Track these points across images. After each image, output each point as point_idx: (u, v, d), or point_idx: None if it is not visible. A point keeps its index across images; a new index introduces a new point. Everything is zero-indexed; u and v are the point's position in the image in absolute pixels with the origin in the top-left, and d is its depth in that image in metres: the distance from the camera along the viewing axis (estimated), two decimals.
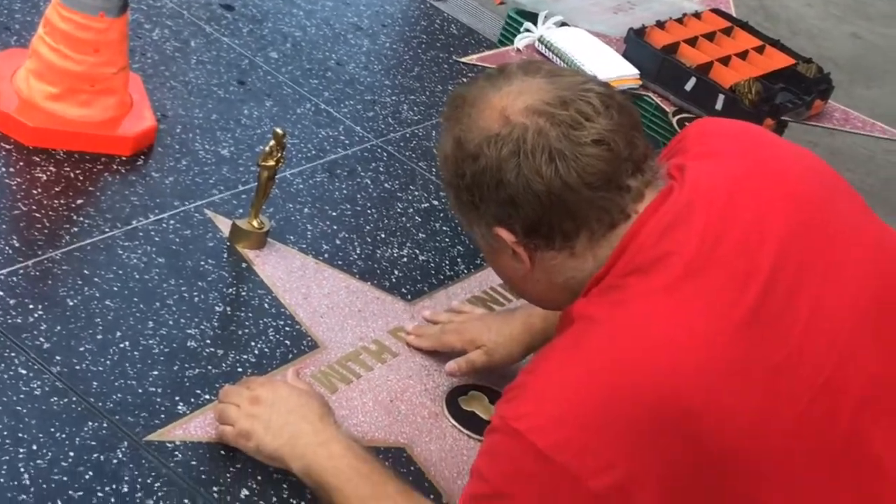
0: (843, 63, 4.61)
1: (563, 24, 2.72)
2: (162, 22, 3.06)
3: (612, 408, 1.55)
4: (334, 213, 2.59)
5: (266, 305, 2.28)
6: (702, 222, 1.61)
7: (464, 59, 2.57)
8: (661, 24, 2.76)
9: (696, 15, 2.86)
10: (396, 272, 2.49)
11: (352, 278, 2.43)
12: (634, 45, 2.65)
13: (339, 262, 2.45)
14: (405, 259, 2.53)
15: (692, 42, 2.70)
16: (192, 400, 2.03)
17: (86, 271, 2.20)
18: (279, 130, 2.32)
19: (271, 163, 2.34)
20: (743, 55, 2.72)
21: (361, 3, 3.51)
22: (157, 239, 2.34)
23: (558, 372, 1.60)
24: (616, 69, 2.59)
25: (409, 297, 2.43)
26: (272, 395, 1.95)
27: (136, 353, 2.07)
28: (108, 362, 2.03)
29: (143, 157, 2.56)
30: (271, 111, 2.87)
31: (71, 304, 2.12)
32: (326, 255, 2.46)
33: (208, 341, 2.15)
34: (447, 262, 2.57)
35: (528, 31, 2.68)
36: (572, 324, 1.64)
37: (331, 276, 2.41)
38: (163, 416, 1.98)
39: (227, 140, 2.71)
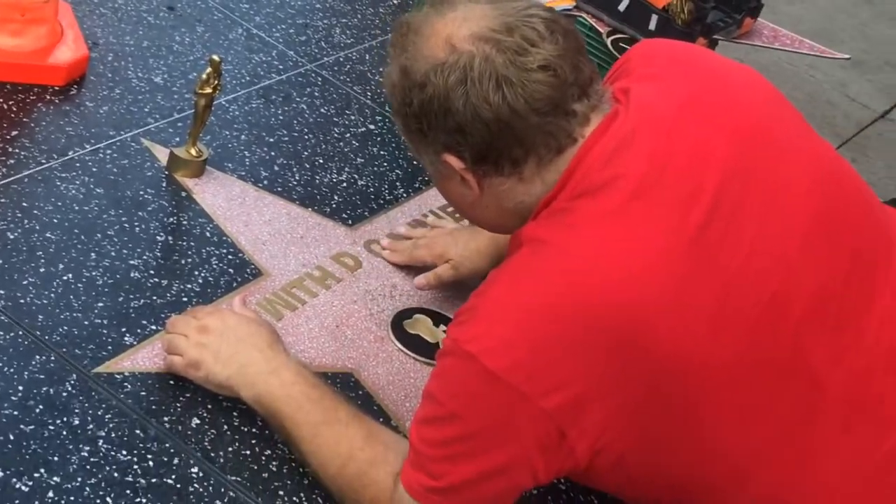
0: None
1: None
2: None
3: (563, 328, 1.58)
4: (271, 140, 2.59)
5: (208, 234, 2.28)
6: (649, 145, 1.64)
7: None
8: None
9: None
10: (336, 197, 2.49)
11: (292, 204, 2.43)
12: None
13: (279, 189, 2.45)
14: (344, 184, 2.54)
15: None
16: (139, 331, 2.03)
17: (24, 204, 2.18)
18: (216, 58, 2.31)
19: (208, 90, 2.33)
20: None
21: None
22: (94, 169, 2.33)
23: (509, 294, 1.63)
24: None
25: (350, 222, 2.44)
26: (221, 324, 1.96)
27: (79, 285, 2.07)
28: (52, 295, 2.03)
29: (76, 86, 2.53)
30: (203, 37, 2.84)
31: (11, 237, 2.10)
32: (266, 182, 2.46)
33: (152, 271, 2.15)
34: (386, 186, 2.58)
35: None
36: (521, 246, 1.66)
37: (271, 202, 2.41)
38: (110, 347, 1.98)
39: (160, 67, 2.68)
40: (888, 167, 3.59)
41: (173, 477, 1.81)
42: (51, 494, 1.71)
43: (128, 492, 1.76)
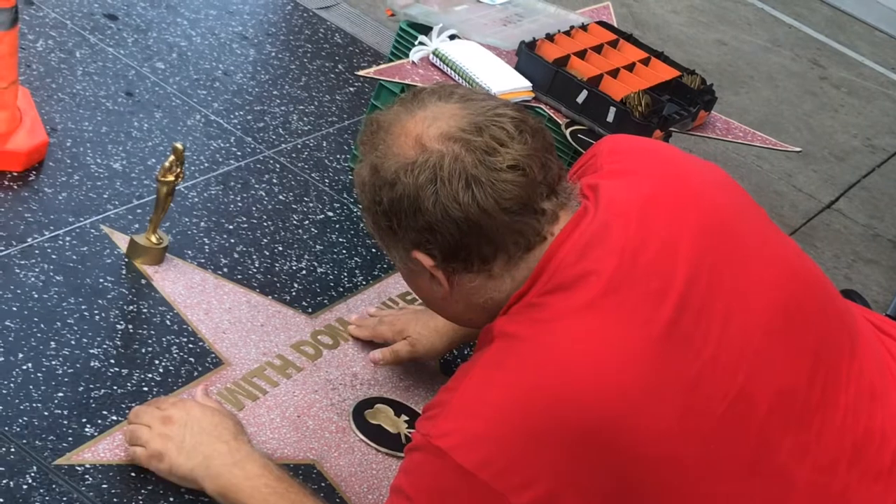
0: (711, 69, 4.72)
1: (455, 37, 2.75)
2: (46, 32, 3.01)
3: (535, 424, 1.58)
4: (231, 227, 2.58)
5: (168, 322, 2.27)
6: (619, 240, 1.65)
7: (361, 73, 2.59)
8: (550, 37, 2.80)
9: (584, 27, 2.91)
10: (296, 285, 2.49)
11: (252, 292, 2.42)
12: (526, 58, 2.69)
13: (239, 276, 2.45)
14: (304, 272, 2.53)
15: (581, 55, 2.74)
16: (100, 421, 2.01)
17: None
18: (179, 146, 2.30)
19: (171, 178, 2.32)
20: (630, 67, 2.78)
21: (245, 11, 3.50)
22: (53, 256, 2.31)
23: (480, 389, 1.63)
24: (509, 82, 2.62)
25: (310, 310, 2.44)
26: (185, 415, 1.94)
27: (39, 374, 2.04)
28: (11, 385, 2.00)
29: (34, 172, 2.52)
30: (161, 123, 2.84)
31: None
32: (226, 270, 2.45)
33: (112, 361, 2.13)
34: (345, 273, 2.58)
35: (422, 44, 2.70)
36: (493, 341, 1.67)
37: (231, 290, 2.41)
38: (71, 439, 1.96)
39: (119, 153, 2.68)
40: (836, 257, 3.64)
41: None
42: None
43: None
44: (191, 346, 2.23)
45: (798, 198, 3.94)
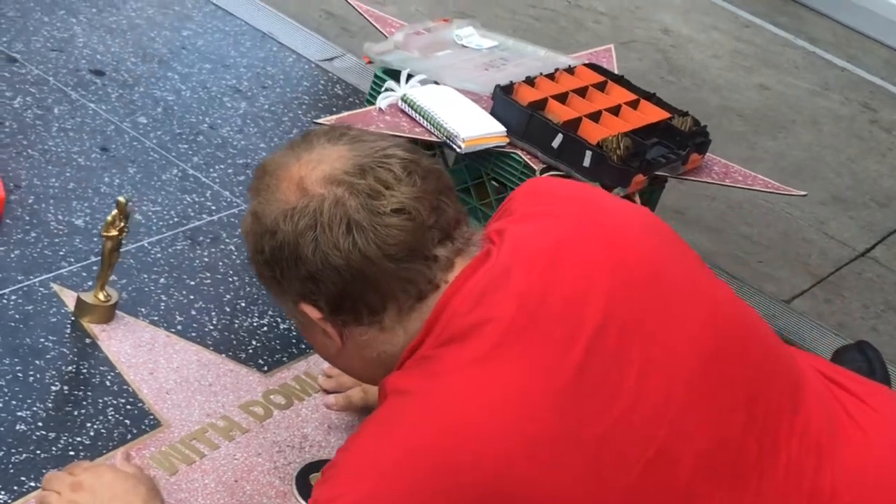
0: (749, 114, 4.56)
1: (430, 82, 2.65)
2: (25, 89, 2.96)
3: (424, 487, 1.46)
4: (192, 283, 2.49)
5: (108, 383, 2.17)
6: (521, 286, 1.53)
7: (321, 121, 2.49)
8: (530, 81, 2.68)
9: (570, 70, 2.79)
10: (254, 342, 2.38)
11: (205, 350, 2.32)
12: (501, 101, 2.58)
13: (193, 334, 2.35)
14: (265, 328, 2.43)
15: (562, 98, 2.62)
16: (16, 488, 1.91)
17: None
18: (122, 199, 2.22)
19: (114, 233, 2.24)
20: (615, 110, 2.65)
21: (242, 64, 3.43)
22: None
23: (369, 449, 1.51)
24: (481, 127, 2.51)
25: (266, 367, 2.33)
26: (95, 481, 1.84)
27: None
28: None
29: None
30: (134, 178, 2.77)
31: None
32: (180, 327, 2.36)
33: (40, 423, 2.04)
34: None
35: (390, 90, 2.61)
36: (386, 398, 1.55)
37: (182, 348, 2.31)
38: None
39: (83, 209, 2.60)
40: (864, 307, 3.45)
41: None
42: None
43: None
44: (128, 407, 2.13)
45: (829, 245, 3.76)
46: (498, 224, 1.66)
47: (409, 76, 2.64)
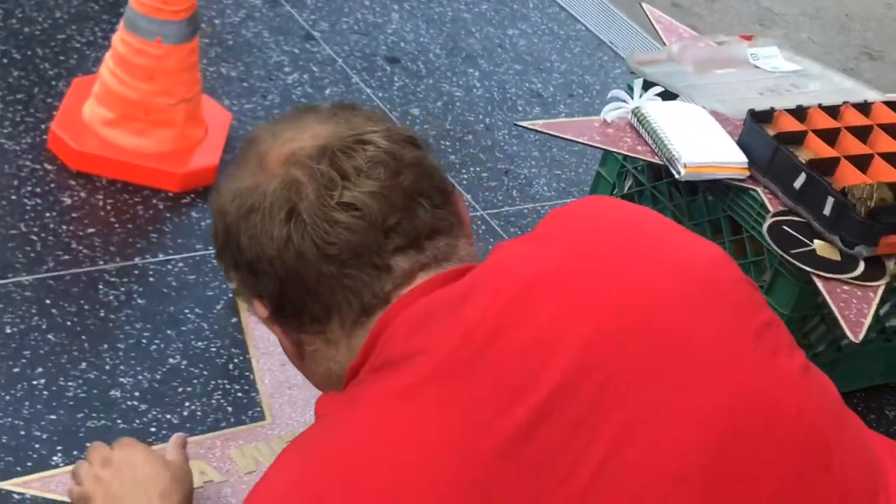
0: None
1: (683, 98, 2.33)
2: (307, 67, 2.91)
3: None
4: None
5: (230, 367, 2.07)
6: (472, 317, 1.25)
7: (524, 124, 2.24)
8: (802, 111, 2.29)
9: (863, 105, 2.37)
10: None
11: None
12: (750, 129, 2.22)
13: None
14: None
15: (831, 134, 2.22)
16: (75, 452, 1.84)
17: (48, 301, 2.07)
18: None
19: None
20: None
21: (558, 70, 3.23)
22: (151, 280, 2.18)
23: (271, 476, 1.30)
24: (714, 154, 2.16)
25: None
26: (124, 460, 1.72)
27: (46, 392, 1.91)
28: (13, 393, 1.90)
29: (192, 195, 2.40)
30: None
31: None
32: None
33: (137, 393, 1.97)
34: None
35: (618, 99, 2.31)
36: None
37: None
38: (30, 463, 1.81)
39: None
40: None
41: None
42: None
43: None
44: (239, 394, 2.01)
45: None
46: (504, 243, 1.37)
47: (647, 88, 2.34)
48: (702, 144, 2.21)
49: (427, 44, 3.15)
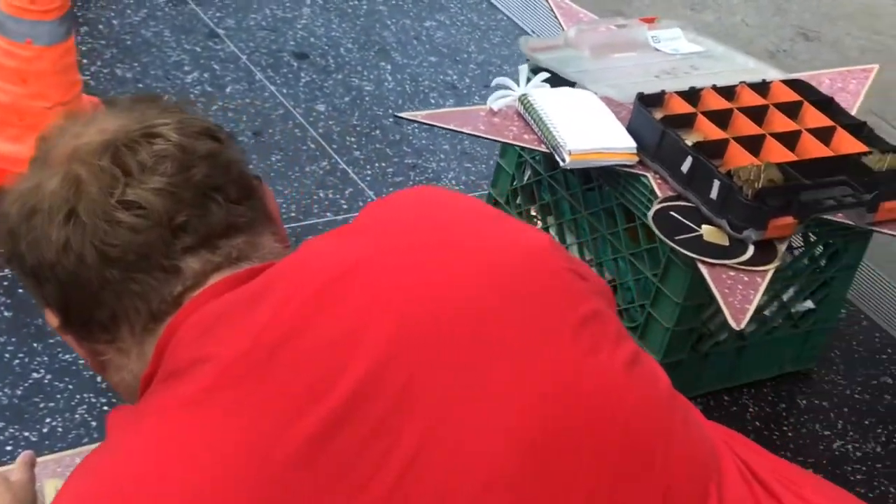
0: None
1: (567, 84, 2.24)
2: (208, 65, 2.83)
3: None
4: None
5: (99, 379, 1.98)
6: (263, 319, 1.16)
7: (404, 115, 2.16)
8: (695, 92, 2.21)
9: (760, 85, 2.28)
10: None
11: None
12: (638, 113, 2.13)
13: None
14: None
15: (723, 115, 2.13)
16: None
17: None
18: None
19: None
20: (789, 137, 2.12)
21: (475, 61, 3.14)
22: (19, 292, 2.10)
23: (63, 490, 1.21)
24: (600, 140, 2.07)
25: None
26: None
27: None
28: None
29: None
30: (273, 167, 2.58)
31: None
32: None
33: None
34: None
35: (504, 87, 2.23)
36: None
37: None
38: None
39: None
40: None
41: None
42: None
43: None
44: (105, 408, 1.93)
45: None
46: (311, 239, 1.29)
47: (532, 75, 2.25)
48: (588, 131, 2.13)
49: (338, 38, 3.07)
